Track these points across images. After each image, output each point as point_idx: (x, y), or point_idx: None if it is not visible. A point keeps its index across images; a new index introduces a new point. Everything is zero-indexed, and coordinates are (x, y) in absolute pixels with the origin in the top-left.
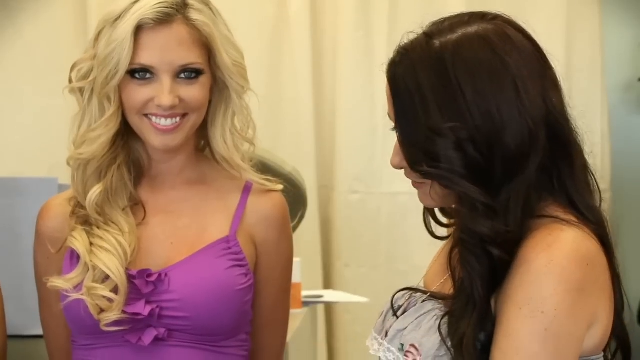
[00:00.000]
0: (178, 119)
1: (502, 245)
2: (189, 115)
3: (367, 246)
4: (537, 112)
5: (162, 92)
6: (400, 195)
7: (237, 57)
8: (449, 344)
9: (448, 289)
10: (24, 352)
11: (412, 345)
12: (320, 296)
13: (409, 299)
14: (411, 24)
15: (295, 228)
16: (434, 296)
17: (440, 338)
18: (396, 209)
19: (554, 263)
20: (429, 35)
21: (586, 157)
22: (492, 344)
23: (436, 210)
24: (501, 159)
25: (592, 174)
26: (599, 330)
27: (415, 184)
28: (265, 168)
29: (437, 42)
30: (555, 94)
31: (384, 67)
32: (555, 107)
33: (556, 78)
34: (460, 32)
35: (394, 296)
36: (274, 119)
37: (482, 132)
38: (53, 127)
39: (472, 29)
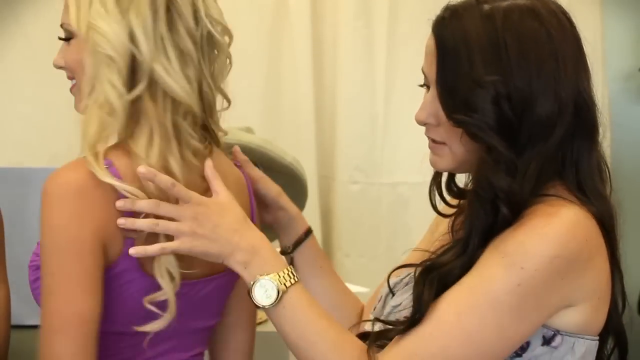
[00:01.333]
0: (72, 82)
1: (511, 204)
2: (75, 79)
3: (367, 236)
4: (570, 90)
5: None
6: (400, 185)
7: (91, 17)
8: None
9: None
10: (25, 341)
11: (406, 317)
12: None
13: (403, 277)
14: (412, 14)
15: None
16: None
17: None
18: (397, 199)
19: (551, 227)
20: (480, 0)
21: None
22: (460, 279)
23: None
24: (530, 123)
25: (607, 165)
26: (589, 309)
27: (433, 145)
28: (265, 158)
29: (487, 6)
30: (586, 78)
31: (430, 22)
32: (586, 90)
33: (587, 64)
34: (510, 1)
35: (388, 279)
36: (274, 109)
37: (519, 93)
38: (53, 118)
39: (521, 1)
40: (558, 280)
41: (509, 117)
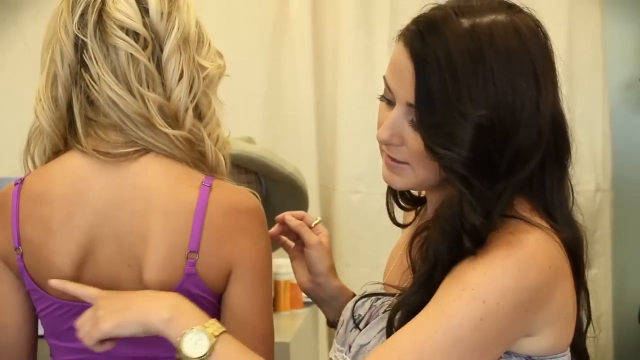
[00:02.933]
0: None
1: (475, 238)
2: None
3: (368, 246)
4: (549, 116)
5: None
6: None
7: None
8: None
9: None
10: None
11: None
12: None
13: (369, 308)
14: None
15: None
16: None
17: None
18: (397, 208)
19: (512, 258)
20: (457, 12)
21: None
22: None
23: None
24: (510, 154)
25: (570, 181)
26: (556, 332)
27: (393, 164)
28: (266, 168)
29: (466, 22)
30: (558, 96)
31: (394, 35)
32: (560, 111)
33: (558, 80)
34: (491, 18)
35: (354, 306)
36: (274, 118)
37: (502, 126)
38: None
39: (501, 16)
40: (522, 312)
41: (490, 150)
